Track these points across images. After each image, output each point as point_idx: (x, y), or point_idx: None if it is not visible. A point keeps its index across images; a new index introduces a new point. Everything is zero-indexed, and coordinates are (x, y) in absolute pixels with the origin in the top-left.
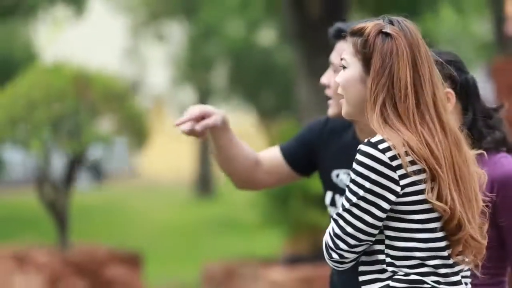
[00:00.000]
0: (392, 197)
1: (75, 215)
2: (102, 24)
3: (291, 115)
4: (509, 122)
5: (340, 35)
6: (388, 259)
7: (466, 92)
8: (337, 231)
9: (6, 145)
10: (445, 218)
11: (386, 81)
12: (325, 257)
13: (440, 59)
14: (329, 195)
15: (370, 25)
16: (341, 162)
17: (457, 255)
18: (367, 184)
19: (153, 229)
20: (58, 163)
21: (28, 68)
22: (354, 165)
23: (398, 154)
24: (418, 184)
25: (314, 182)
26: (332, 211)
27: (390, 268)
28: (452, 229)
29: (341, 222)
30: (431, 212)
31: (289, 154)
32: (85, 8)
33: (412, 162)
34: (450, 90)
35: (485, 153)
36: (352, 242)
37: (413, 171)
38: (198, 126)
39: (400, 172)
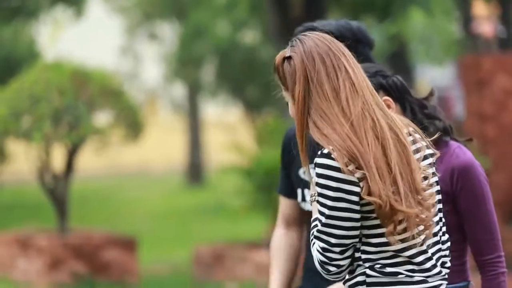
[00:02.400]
0: (356, 199)
1: (74, 202)
2: (99, 24)
3: (274, 108)
4: (479, 116)
5: None
6: (364, 256)
7: (398, 92)
8: (324, 245)
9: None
10: (380, 209)
11: (303, 96)
12: (323, 274)
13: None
14: (299, 192)
15: (277, 57)
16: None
17: (400, 233)
18: (331, 193)
19: (147, 214)
20: (58, 154)
21: (30, 65)
22: (316, 179)
23: (346, 162)
24: None
25: None
26: (303, 206)
27: (367, 264)
28: (385, 214)
29: (324, 236)
30: None
31: (291, 193)
32: (83, 9)
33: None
34: (387, 97)
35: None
36: (340, 249)
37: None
38: None
39: (358, 174)
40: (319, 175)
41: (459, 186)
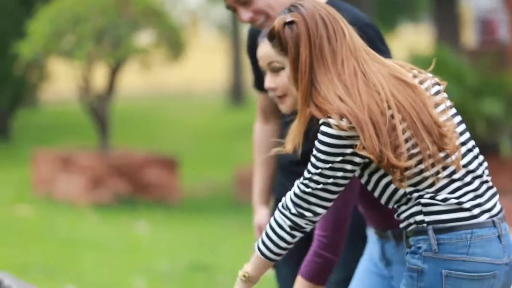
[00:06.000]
0: (349, 151)
1: (116, 122)
2: None
3: None
4: None
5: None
6: (409, 189)
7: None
8: (308, 189)
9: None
10: (378, 163)
11: (310, 61)
12: (291, 223)
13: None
14: None
15: (275, 23)
16: None
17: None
18: (328, 149)
19: (189, 135)
20: (100, 73)
21: None
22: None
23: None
24: None
25: None
26: None
27: (416, 194)
28: (384, 166)
29: (312, 184)
30: None
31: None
32: None
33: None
34: None
35: None
36: (324, 194)
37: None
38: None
39: (352, 132)
40: (321, 142)
41: None
